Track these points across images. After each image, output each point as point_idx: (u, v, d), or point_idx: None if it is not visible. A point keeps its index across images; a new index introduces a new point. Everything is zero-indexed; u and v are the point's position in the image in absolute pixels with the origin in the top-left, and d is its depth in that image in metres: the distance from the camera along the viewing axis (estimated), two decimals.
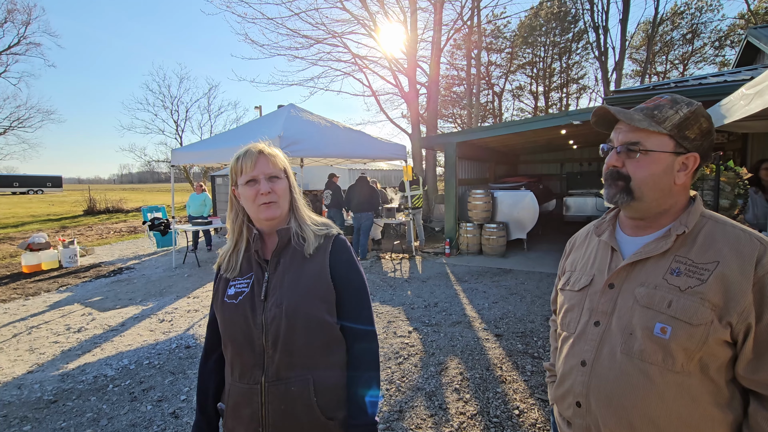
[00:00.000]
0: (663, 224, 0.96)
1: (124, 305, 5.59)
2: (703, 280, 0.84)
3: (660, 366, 0.85)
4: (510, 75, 27.79)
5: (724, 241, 0.87)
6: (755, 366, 0.82)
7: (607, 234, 1.04)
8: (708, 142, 0.93)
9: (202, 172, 25.07)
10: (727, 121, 3.24)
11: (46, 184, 45.51)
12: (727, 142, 6.93)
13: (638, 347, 0.88)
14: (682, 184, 0.93)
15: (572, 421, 1.00)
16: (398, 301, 5.51)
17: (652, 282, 0.90)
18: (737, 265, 0.83)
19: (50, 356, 4.00)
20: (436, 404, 3.00)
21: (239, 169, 1.14)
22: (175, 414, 2.95)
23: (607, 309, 0.96)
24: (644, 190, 0.92)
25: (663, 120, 0.91)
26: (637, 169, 0.92)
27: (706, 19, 22.98)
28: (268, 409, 1.07)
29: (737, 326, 0.82)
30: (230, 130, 8.75)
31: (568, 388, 1.00)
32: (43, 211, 21.86)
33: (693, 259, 0.88)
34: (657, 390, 0.85)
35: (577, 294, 1.04)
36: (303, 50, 17.02)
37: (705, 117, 0.92)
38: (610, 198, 0.97)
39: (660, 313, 0.86)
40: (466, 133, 9.02)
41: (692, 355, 0.83)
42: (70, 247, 8.22)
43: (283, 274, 1.12)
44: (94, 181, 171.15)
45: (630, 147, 0.92)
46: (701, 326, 0.82)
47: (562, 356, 1.05)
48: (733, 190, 2.98)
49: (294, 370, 1.08)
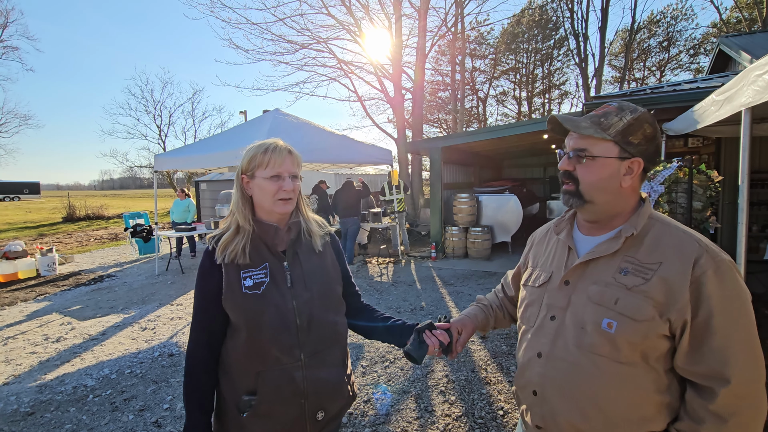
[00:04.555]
0: (615, 225, 1.01)
1: (104, 314, 5.47)
2: (647, 279, 0.91)
3: (607, 357, 0.92)
4: (494, 81, 28.20)
5: (668, 243, 0.93)
6: (691, 358, 0.89)
7: (565, 233, 1.10)
8: (653, 147, 0.97)
9: (186, 177, 24.72)
10: (700, 126, 3.36)
11: (23, 190, 44.14)
12: (702, 146, 7.15)
13: (588, 340, 0.94)
14: (629, 187, 0.98)
15: (531, 409, 1.06)
16: (385, 305, 5.52)
17: (603, 280, 0.96)
18: (678, 266, 0.89)
19: (27, 367, 3.89)
20: (422, 407, 3.02)
21: (265, 162, 1.19)
22: (158, 423, 2.90)
23: (562, 304, 1.02)
24: (593, 194, 0.98)
25: (608, 127, 0.96)
26: (585, 173, 0.98)
27: (681, 27, 23.75)
28: (309, 381, 1.19)
29: (675, 322, 0.88)
30: (215, 135, 8.68)
31: (527, 378, 1.06)
32: (19, 218, 21.22)
33: (640, 260, 0.94)
34: (605, 379, 0.92)
35: (537, 290, 1.10)
36: (288, 55, 17.04)
37: (649, 123, 0.97)
38: (565, 201, 1.03)
39: (608, 309, 0.93)
40: (451, 138, 9.13)
41: (635, 347, 0.90)
42: (49, 255, 8.00)
43: (304, 263, 1.25)
44: (73, 187, 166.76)
45: (578, 153, 0.98)
46: (644, 322, 0.89)
47: (522, 348, 1.11)
48: (705, 193, 3.09)
49: (326, 343, 1.25)
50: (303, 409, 1.19)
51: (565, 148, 1.03)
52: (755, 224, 6.08)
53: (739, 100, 2.52)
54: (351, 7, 13.87)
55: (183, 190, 9.67)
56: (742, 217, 2.67)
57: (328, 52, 14.83)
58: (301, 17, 14.86)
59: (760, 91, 2.24)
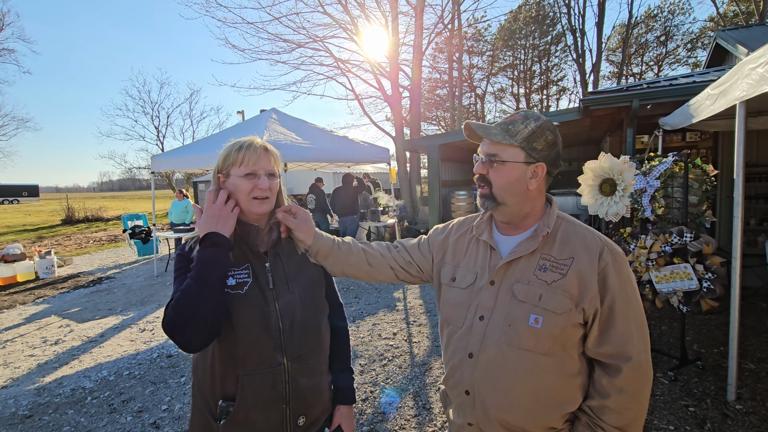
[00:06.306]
0: (528, 225, 1.09)
1: (103, 316, 5.47)
2: (563, 274, 0.99)
3: (532, 351, 0.99)
4: (491, 77, 28.19)
5: (575, 240, 1.04)
6: (599, 340, 0.99)
7: (486, 234, 1.14)
8: (554, 153, 1.05)
9: (184, 178, 24.70)
10: (695, 120, 3.36)
11: (21, 193, 44.11)
12: (700, 140, 7.15)
13: (516, 336, 1.00)
14: (536, 189, 1.05)
15: (462, 408, 1.10)
16: (383, 303, 5.52)
17: (525, 278, 1.03)
18: (586, 260, 0.99)
19: (25, 370, 3.89)
20: (420, 404, 3.02)
21: (239, 160, 1.15)
22: (156, 424, 2.90)
23: (489, 304, 1.06)
24: (504, 196, 1.05)
25: (515, 134, 1.03)
26: (496, 177, 1.05)
27: (678, 21, 23.76)
28: (291, 386, 1.16)
29: (588, 310, 0.98)
30: (213, 135, 8.67)
31: (458, 379, 1.09)
32: (18, 221, 21.22)
33: (555, 256, 1.02)
34: (530, 370, 0.99)
35: (463, 291, 1.12)
36: (285, 54, 16.99)
37: (550, 130, 1.04)
38: (481, 204, 1.09)
39: (533, 305, 0.99)
40: (449, 136, 9.11)
41: (557, 338, 0.98)
42: (47, 257, 7.99)
43: (286, 265, 1.22)
44: (72, 189, 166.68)
45: (491, 158, 1.05)
46: (564, 314, 0.98)
47: (451, 349, 1.13)
48: (701, 187, 3.08)
49: (309, 346, 1.21)
50: (284, 414, 1.15)
51: (480, 154, 1.09)
52: (753, 218, 6.07)
53: (733, 94, 2.52)
54: (347, 5, 13.83)
55: (181, 191, 9.65)
56: (737, 211, 2.67)
57: (325, 50, 14.81)
58: (297, 16, 14.89)
59: (754, 85, 2.23)
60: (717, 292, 2.93)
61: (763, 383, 3.03)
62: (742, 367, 3.24)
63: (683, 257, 3.05)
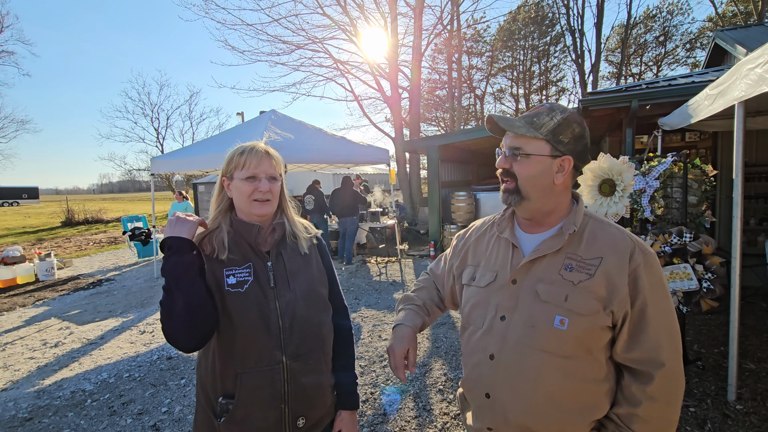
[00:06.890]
0: (552, 223, 1.04)
1: (103, 318, 5.46)
2: (591, 275, 0.94)
3: (555, 353, 0.94)
4: (491, 78, 28.21)
5: (603, 239, 0.98)
6: (629, 345, 0.94)
7: (508, 231, 1.10)
8: (581, 146, 1.00)
9: (184, 180, 24.71)
10: (694, 120, 3.36)
11: (21, 195, 44.13)
12: (699, 140, 7.15)
13: (538, 338, 0.96)
14: (562, 184, 1.01)
15: (481, 412, 1.06)
16: (383, 304, 5.52)
17: (549, 278, 0.98)
18: (616, 260, 0.94)
19: (25, 372, 3.88)
20: (420, 405, 3.02)
21: (241, 164, 1.19)
22: (156, 427, 2.90)
23: (511, 304, 1.02)
24: (529, 190, 1.00)
25: (540, 126, 0.98)
26: (521, 170, 1.00)
27: (677, 22, 23.81)
28: (290, 385, 1.16)
29: (617, 313, 0.93)
30: (212, 137, 8.67)
31: (478, 381, 1.06)
32: (18, 223, 21.20)
33: (582, 256, 0.97)
34: (555, 374, 0.95)
35: (483, 290, 1.09)
36: (284, 56, 16.95)
37: (577, 122, 1.00)
38: (504, 200, 1.05)
39: (558, 306, 0.95)
40: (448, 137, 9.12)
41: (582, 341, 0.94)
42: (47, 259, 7.98)
43: (288, 263, 1.23)
44: (72, 191, 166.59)
45: (514, 151, 1.01)
46: (590, 316, 0.93)
47: (470, 350, 1.10)
48: (700, 187, 3.08)
49: (309, 345, 1.21)
50: (283, 414, 1.15)
51: (502, 148, 1.05)
52: (753, 218, 6.07)
53: (732, 94, 2.52)
54: (346, 6, 13.84)
55: (181, 193, 9.67)
56: (737, 210, 2.67)
57: (324, 52, 14.80)
58: (296, 17, 14.85)
59: (752, 85, 2.23)
60: (717, 292, 2.93)
61: (763, 383, 3.03)
62: (742, 367, 3.24)
63: (683, 257, 3.05)
